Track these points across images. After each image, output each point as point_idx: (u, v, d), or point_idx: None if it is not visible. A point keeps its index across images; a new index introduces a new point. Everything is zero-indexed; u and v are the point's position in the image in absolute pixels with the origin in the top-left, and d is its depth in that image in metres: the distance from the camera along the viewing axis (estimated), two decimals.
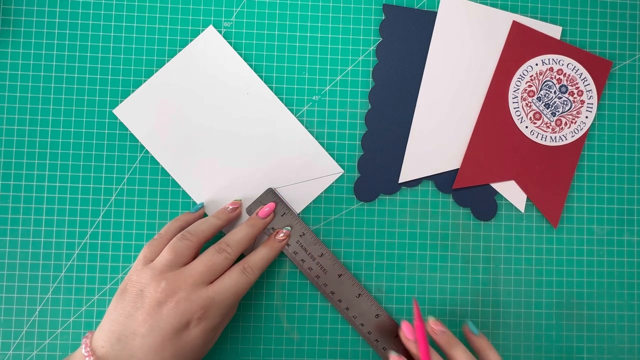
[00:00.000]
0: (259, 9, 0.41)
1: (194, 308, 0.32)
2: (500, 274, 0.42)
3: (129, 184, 0.40)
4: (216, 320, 0.33)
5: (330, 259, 0.39)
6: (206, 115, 0.40)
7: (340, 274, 0.39)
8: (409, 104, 0.41)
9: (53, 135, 0.40)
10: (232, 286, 0.34)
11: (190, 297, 0.32)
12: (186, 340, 0.32)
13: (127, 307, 0.32)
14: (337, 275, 0.39)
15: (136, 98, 0.40)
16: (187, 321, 0.32)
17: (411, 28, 0.42)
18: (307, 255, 0.39)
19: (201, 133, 0.40)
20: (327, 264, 0.39)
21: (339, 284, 0.39)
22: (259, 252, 0.37)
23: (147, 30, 0.40)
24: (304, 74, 0.41)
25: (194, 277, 0.33)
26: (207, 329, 0.32)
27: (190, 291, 0.32)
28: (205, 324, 0.32)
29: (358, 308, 0.39)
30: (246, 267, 0.35)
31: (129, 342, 0.31)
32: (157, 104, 0.40)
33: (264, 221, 0.38)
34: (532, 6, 0.43)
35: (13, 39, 0.40)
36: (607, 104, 0.43)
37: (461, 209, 0.42)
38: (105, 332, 0.31)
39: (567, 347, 0.42)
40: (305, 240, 0.39)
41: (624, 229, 0.43)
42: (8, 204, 0.39)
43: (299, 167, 0.41)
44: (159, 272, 0.32)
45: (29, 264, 0.39)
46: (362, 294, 0.39)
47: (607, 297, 0.42)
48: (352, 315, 0.39)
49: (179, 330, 0.31)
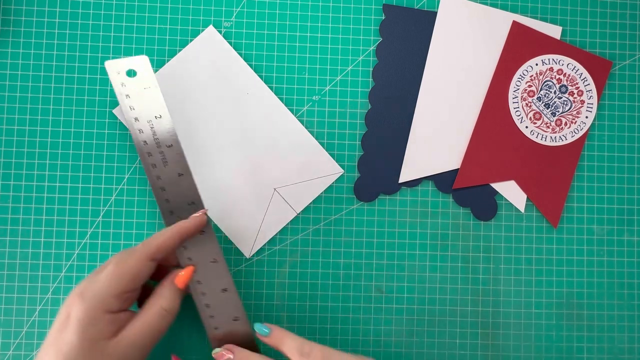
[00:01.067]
0: (259, 9, 0.41)
1: (73, 296, 0.29)
2: (500, 274, 0.42)
3: (129, 184, 0.40)
4: (95, 308, 0.29)
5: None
6: (206, 115, 0.40)
7: (213, 259, 0.35)
8: (409, 104, 0.41)
9: (53, 135, 0.40)
10: (114, 264, 0.30)
11: (73, 291, 0.30)
12: (64, 339, 0.28)
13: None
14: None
15: None
16: (67, 312, 0.29)
17: (411, 28, 0.42)
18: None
19: (201, 133, 0.40)
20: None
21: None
22: (163, 230, 0.32)
23: (147, 30, 0.40)
24: (304, 74, 0.41)
25: (101, 281, 0.30)
26: (84, 318, 0.29)
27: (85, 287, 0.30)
28: (81, 311, 0.29)
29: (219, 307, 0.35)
30: (138, 245, 0.31)
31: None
32: None
33: (194, 221, 0.33)
34: (532, 6, 0.43)
35: (13, 39, 0.40)
36: (607, 104, 0.43)
37: (461, 209, 0.42)
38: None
39: (567, 347, 0.42)
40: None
41: (624, 229, 0.43)
42: (8, 204, 0.39)
43: (299, 167, 0.41)
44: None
45: (29, 264, 0.39)
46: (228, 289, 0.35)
47: (607, 297, 0.42)
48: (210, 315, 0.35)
49: (59, 328, 0.29)
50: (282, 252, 0.40)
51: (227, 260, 0.40)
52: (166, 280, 0.32)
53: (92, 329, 0.28)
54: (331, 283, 0.41)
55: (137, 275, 0.30)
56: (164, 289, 0.32)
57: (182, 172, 0.35)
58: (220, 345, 0.34)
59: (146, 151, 0.35)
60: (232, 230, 0.40)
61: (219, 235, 0.40)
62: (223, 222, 0.40)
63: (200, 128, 0.40)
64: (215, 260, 0.35)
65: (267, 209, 0.40)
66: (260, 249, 0.40)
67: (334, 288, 0.41)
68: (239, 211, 0.40)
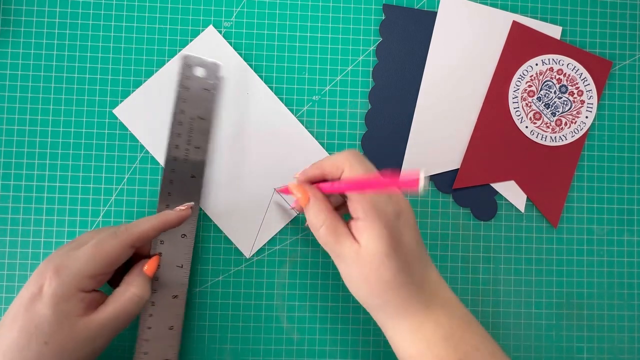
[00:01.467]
0: (259, 9, 0.41)
1: (47, 269, 0.29)
2: (500, 274, 0.42)
3: (129, 184, 0.40)
4: (70, 285, 0.29)
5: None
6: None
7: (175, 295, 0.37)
8: (409, 104, 0.41)
9: (53, 135, 0.40)
10: (93, 245, 0.30)
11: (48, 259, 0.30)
12: (36, 310, 0.28)
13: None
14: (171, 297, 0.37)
15: (136, 98, 0.40)
16: (40, 285, 0.29)
17: (411, 28, 0.42)
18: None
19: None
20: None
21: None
22: (145, 218, 0.33)
23: (147, 30, 0.40)
24: (304, 74, 0.41)
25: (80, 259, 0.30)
26: (58, 293, 0.29)
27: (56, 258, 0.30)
28: (55, 286, 0.29)
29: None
30: (120, 229, 0.31)
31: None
32: (157, 104, 0.40)
33: (177, 214, 0.34)
34: (532, 6, 0.43)
35: (13, 39, 0.40)
36: (607, 104, 0.43)
37: (461, 209, 0.42)
38: None
39: (567, 346, 0.42)
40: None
41: (624, 229, 0.43)
42: (8, 204, 0.39)
43: (299, 167, 0.40)
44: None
45: (29, 264, 0.39)
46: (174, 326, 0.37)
47: (607, 297, 0.42)
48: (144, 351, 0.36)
49: (31, 299, 0.29)
50: (282, 252, 0.40)
51: (227, 260, 0.40)
52: (136, 269, 0.33)
53: (65, 305, 0.29)
54: (331, 283, 0.41)
55: (115, 259, 0.31)
56: (135, 277, 0.32)
57: (195, 174, 0.38)
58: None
59: (176, 132, 0.38)
60: (232, 230, 0.40)
61: (218, 235, 0.40)
62: (223, 222, 0.40)
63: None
64: (182, 265, 0.37)
65: (267, 209, 0.40)
66: (260, 249, 0.40)
67: (334, 288, 0.41)
68: (239, 211, 0.40)
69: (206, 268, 0.40)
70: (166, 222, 0.33)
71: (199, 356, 0.39)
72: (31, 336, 0.28)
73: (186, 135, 0.38)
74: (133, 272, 0.33)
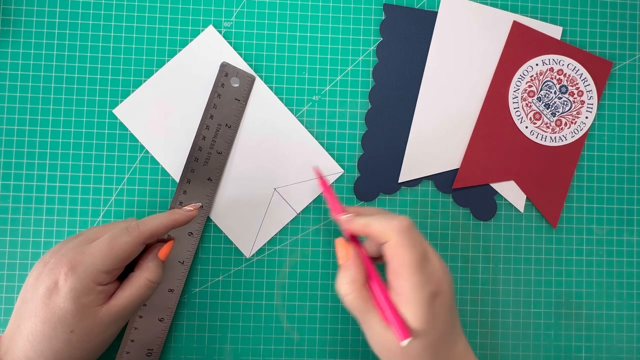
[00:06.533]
0: (259, 9, 0.41)
1: (61, 265, 0.30)
2: (499, 273, 0.42)
3: (129, 184, 0.40)
4: (87, 280, 0.30)
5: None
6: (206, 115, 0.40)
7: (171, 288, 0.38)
8: (409, 104, 0.41)
9: (53, 135, 0.40)
10: (107, 242, 0.31)
11: (60, 252, 0.31)
12: (56, 304, 0.29)
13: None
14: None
15: (136, 98, 0.40)
16: (55, 280, 0.30)
17: (411, 28, 0.42)
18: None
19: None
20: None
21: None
22: (155, 216, 0.33)
23: (147, 30, 0.40)
24: (304, 74, 0.41)
25: (94, 255, 0.31)
26: (77, 288, 0.30)
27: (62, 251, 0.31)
28: (73, 281, 0.29)
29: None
30: (132, 226, 0.32)
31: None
32: (157, 104, 0.40)
33: (185, 214, 0.34)
34: (532, 6, 0.43)
35: (13, 39, 0.40)
36: (607, 104, 0.43)
37: (461, 209, 0.42)
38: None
39: (566, 346, 0.42)
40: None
41: (624, 229, 0.43)
42: (8, 204, 0.39)
43: (299, 167, 0.41)
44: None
45: (29, 264, 0.39)
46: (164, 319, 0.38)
47: (607, 297, 0.42)
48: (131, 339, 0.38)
49: (47, 294, 0.30)
50: (282, 252, 0.41)
51: (227, 260, 0.40)
52: (150, 254, 0.34)
53: (86, 298, 0.30)
54: (331, 283, 0.41)
55: (129, 255, 0.32)
56: (148, 262, 0.33)
57: (211, 177, 0.39)
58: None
59: (202, 135, 0.39)
60: (232, 230, 0.40)
61: (218, 235, 0.40)
62: (223, 222, 0.40)
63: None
64: (183, 262, 0.39)
65: (267, 209, 0.40)
66: (260, 249, 0.40)
67: (334, 288, 0.41)
68: (239, 211, 0.40)
69: (206, 268, 0.40)
70: (175, 221, 0.34)
71: (199, 356, 0.39)
72: (56, 326, 0.29)
73: (210, 139, 0.39)
74: (147, 257, 0.34)
